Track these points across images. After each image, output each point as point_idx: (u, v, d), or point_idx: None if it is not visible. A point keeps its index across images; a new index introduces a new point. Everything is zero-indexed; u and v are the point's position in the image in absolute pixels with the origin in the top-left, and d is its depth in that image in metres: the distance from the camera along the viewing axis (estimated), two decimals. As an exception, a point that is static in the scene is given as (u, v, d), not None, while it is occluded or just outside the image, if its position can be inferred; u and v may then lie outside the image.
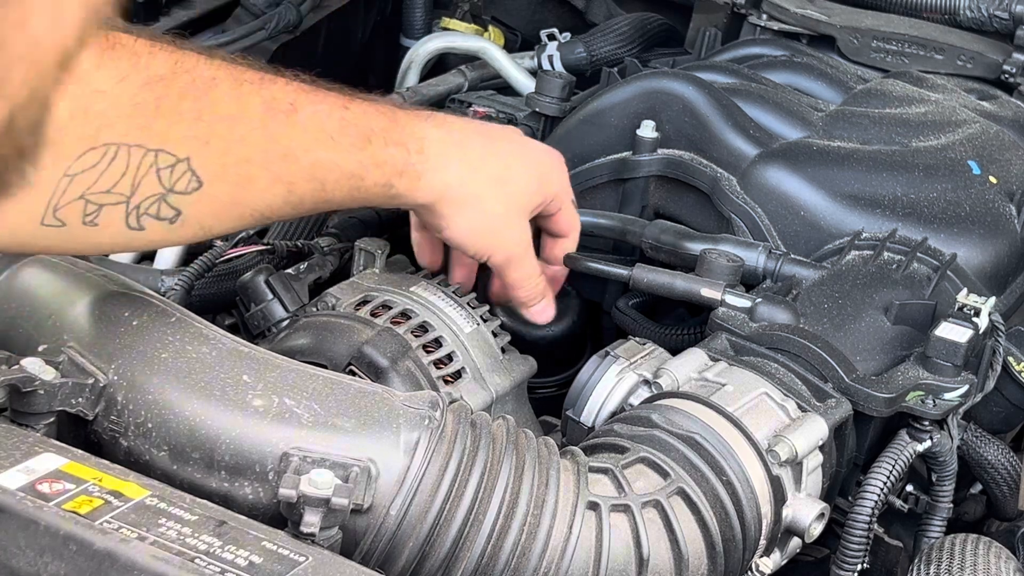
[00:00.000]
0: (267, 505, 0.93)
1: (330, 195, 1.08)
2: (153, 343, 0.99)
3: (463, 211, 1.17)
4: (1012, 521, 1.35)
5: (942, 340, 1.18)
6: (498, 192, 1.19)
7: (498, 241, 1.22)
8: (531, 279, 1.27)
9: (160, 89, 0.96)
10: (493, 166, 1.19)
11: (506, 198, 1.20)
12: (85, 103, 0.92)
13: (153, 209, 0.98)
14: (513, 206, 1.21)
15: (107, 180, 0.95)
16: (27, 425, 0.94)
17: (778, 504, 1.08)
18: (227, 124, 1.00)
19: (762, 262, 1.33)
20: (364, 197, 1.11)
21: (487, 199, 1.18)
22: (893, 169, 1.42)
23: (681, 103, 1.48)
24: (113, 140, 0.94)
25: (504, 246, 1.22)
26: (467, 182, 1.16)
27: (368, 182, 1.09)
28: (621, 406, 1.17)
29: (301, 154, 1.04)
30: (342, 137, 1.07)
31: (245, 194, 1.03)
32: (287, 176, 1.04)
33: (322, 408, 0.95)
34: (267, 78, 1.04)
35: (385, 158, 1.10)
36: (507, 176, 1.20)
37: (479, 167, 1.17)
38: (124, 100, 0.94)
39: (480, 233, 1.20)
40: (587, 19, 2.18)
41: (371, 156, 1.09)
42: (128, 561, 0.79)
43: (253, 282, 1.31)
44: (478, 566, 0.95)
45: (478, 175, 1.17)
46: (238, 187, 1.02)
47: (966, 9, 1.79)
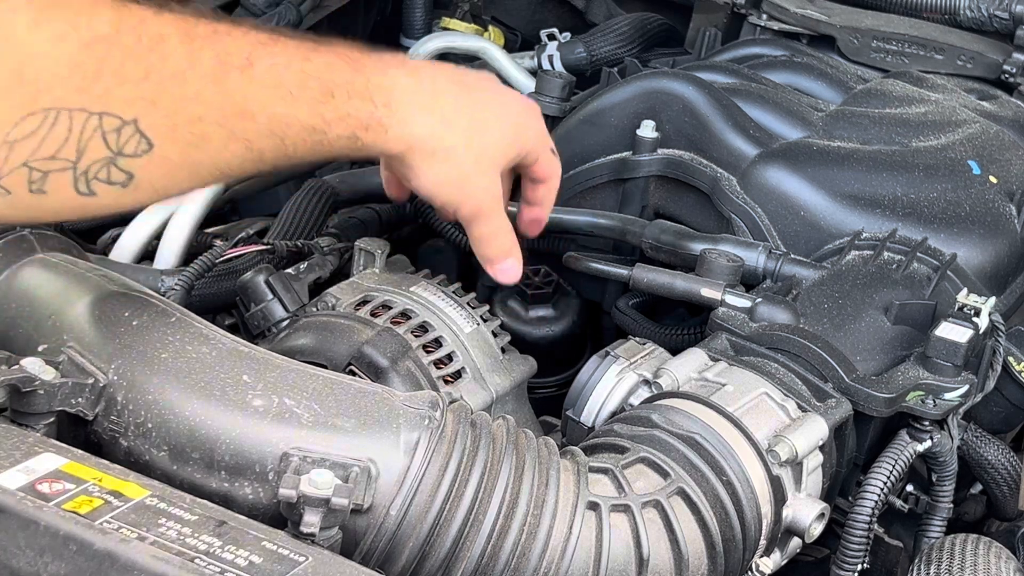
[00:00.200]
0: (267, 505, 0.93)
1: (292, 151, 1.03)
2: (153, 343, 0.99)
3: (432, 163, 1.12)
4: (1012, 521, 1.35)
5: (942, 340, 1.18)
6: (470, 144, 1.14)
7: (467, 194, 1.17)
8: (499, 235, 1.22)
9: (102, 50, 0.92)
10: (466, 117, 1.14)
11: (478, 151, 1.15)
12: (19, 66, 0.89)
13: (103, 174, 0.94)
14: (485, 159, 1.16)
15: (50, 146, 0.91)
16: (27, 425, 0.94)
17: (778, 504, 1.08)
18: (177, 82, 0.95)
19: (762, 262, 1.33)
20: (328, 151, 1.06)
21: (458, 151, 1.14)
22: (893, 169, 1.42)
23: (681, 103, 1.48)
24: (52, 105, 0.90)
25: (473, 199, 1.17)
26: (438, 134, 1.11)
27: (331, 136, 1.05)
28: (621, 406, 1.17)
29: (258, 110, 1.00)
30: (302, 91, 1.02)
31: (200, 154, 0.98)
32: (244, 133, 1.00)
33: (322, 408, 0.95)
34: (221, 30, 0.99)
35: (349, 111, 1.05)
36: (480, 128, 1.16)
37: (451, 119, 1.13)
38: (63, 62, 0.90)
39: (449, 185, 1.15)
40: (587, 19, 2.18)
41: (334, 110, 1.04)
42: (128, 561, 0.79)
43: (253, 282, 1.31)
44: (478, 566, 0.95)
45: (450, 127, 1.13)
46: (192, 147, 0.97)
47: (966, 9, 1.79)
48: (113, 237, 1.61)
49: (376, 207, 1.63)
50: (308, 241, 1.44)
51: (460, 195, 1.16)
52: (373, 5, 2.24)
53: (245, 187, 1.68)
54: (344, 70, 1.05)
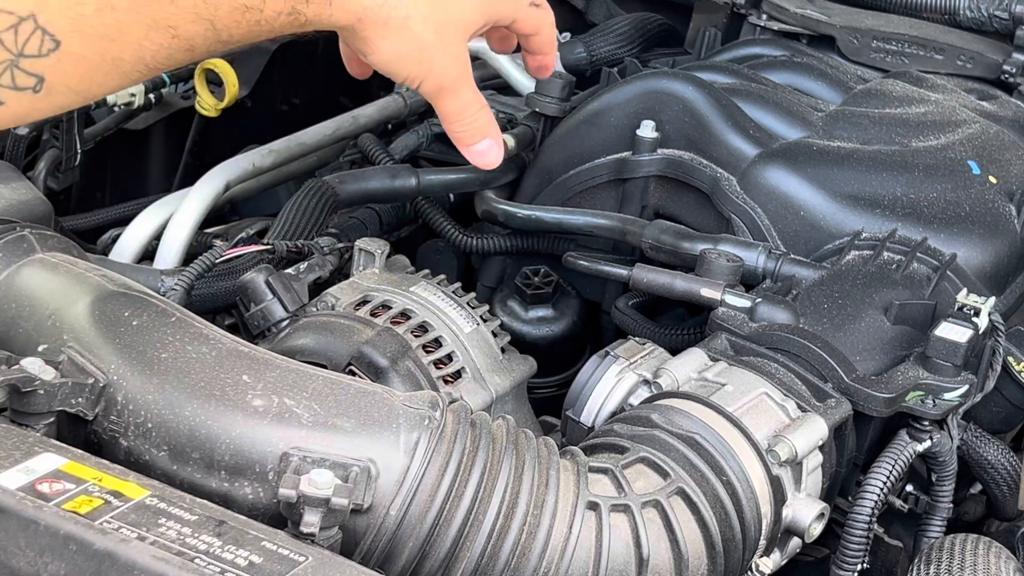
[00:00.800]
0: (267, 505, 0.93)
1: (225, 35, 0.94)
2: (153, 343, 0.99)
3: (387, 34, 1.03)
4: (1012, 521, 1.35)
5: (942, 340, 1.18)
6: (429, 13, 1.04)
7: (428, 68, 1.07)
8: (468, 110, 1.12)
9: None
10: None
11: (439, 19, 1.05)
12: None
13: (6, 79, 0.86)
14: (448, 28, 1.07)
15: None
16: (27, 425, 0.94)
17: (778, 504, 1.08)
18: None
19: (762, 262, 1.33)
20: (268, 29, 0.97)
21: (415, 21, 1.03)
22: (893, 169, 1.42)
23: (681, 103, 1.48)
24: None
25: (435, 72, 1.08)
26: (390, 2, 1.01)
27: (268, 13, 0.95)
28: (621, 406, 1.17)
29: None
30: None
31: (118, 47, 0.89)
32: (166, 19, 0.90)
33: (322, 408, 0.95)
34: None
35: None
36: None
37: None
38: None
39: (407, 59, 1.06)
40: (587, 19, 2.18)
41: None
42: (128, 561, 0.79)
43: (253, 282, 1.31)
44: (478, 566, 0.95)
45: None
46: (107, 40, 0.88)
47: (966, 9, 1.79)
48: (113, 237, 1.61)
49: (376, 207, 1.63)
50: (308, 241, 1.44)
51: (421, 68, 1.07)
52: (373, 5, 2.23)
53: (245, 188, 1.68)
54: None
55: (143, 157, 2.11)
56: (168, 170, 2.12)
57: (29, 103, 0.89)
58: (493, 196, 1.55)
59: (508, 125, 1.74)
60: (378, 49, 1.04)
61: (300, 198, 1.53)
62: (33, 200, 1.34)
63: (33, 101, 0.89)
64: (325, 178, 1.57)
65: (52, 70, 0.88)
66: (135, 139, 2.04)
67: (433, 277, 1.35)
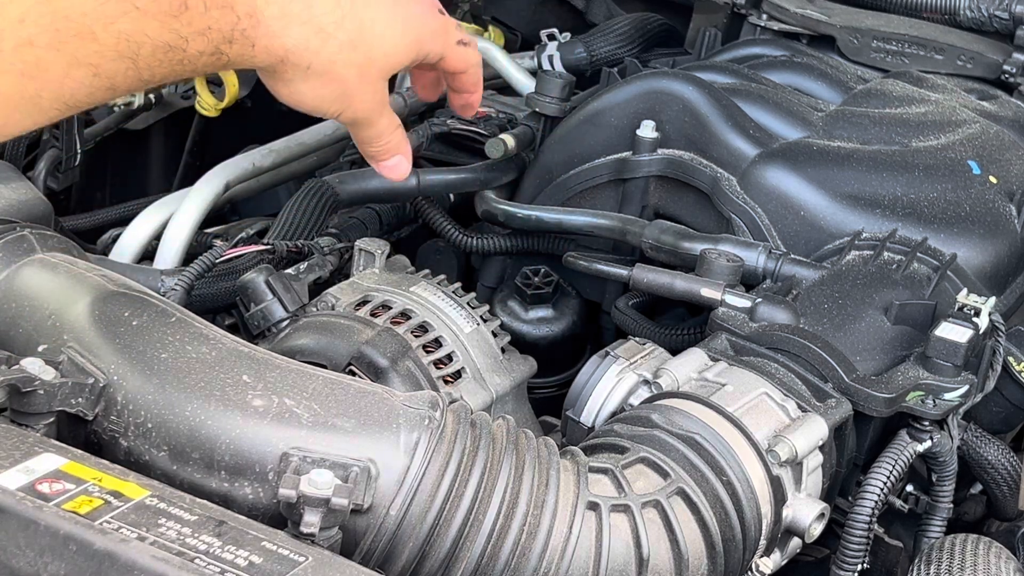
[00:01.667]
0: (267, 505, 0.93)
1: (147, 73, 0.93)
2: (153, 343, 0.99)
3: (307, 77, 1.03)
4: (1012, 521, 1.35)
5: (942, 340, 1.18)
6: (352, 57, 1.04)
7: (346, 105, 1.08)
8: (382, 136, 1.15)
9: None
10: (349, 28, 1.03)
11: (362, 62, 1.06)
12: None
13: None
14: (371, 70, 1.07)
15: None
16: (27, 425, 0.94)
17: (778, 504, 1.08)
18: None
19: (762, 262, 1.33)
20: (191, 69, 0.96)
21: (338, 65, 1.04)
22: (893, 169, 1.42)
23: (681, 103, 1.48)
24: None
25: (353, 108, 1.09)
26: (313, 46, 1.01)
27: (191, 53, 0.94)
28: (621, 406, 1.17)
29: (100, 30, 0.88)
30: (150, 4, 0.90)
31: (37, 84, 0.87)
32: (87, 57, 0.89)
33: (322, 408, 0.95)
34: None
35: (208, 24, 0.94)
36: (365, 39, 1.05)
37: (330, 31, 1.02)
38: None
39: (326, 99, 1.07)
40: (587, 19, 2.18)
41: (189, 23, 0.93)
42: (128, 561, 0.79)
43: (253, 282, 1.31)
44: (478, 566, 0.95)
45: (327, 39, 1.02)
46: (26, 78, 0.86)
47: (966, 9, 1.79)
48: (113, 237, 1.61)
49: (376, 207, 1.63)
50: (308, 241, 1.44)
51: (339, 106, 1.08)
52: (373, 5, 2.23)
53: (245, 188, 1.68)
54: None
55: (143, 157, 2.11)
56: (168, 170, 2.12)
57: None
58: (493, 196, 1.55)
59: (508, 125, 1.75)
60: (298, 91, 1.04)
61: (300, 198, 1.53)
62: (33, 200, 1.34)
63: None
64: (325, 178, 1.57)
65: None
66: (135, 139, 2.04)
67: (433, 277, 1.35)
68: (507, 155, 1.58)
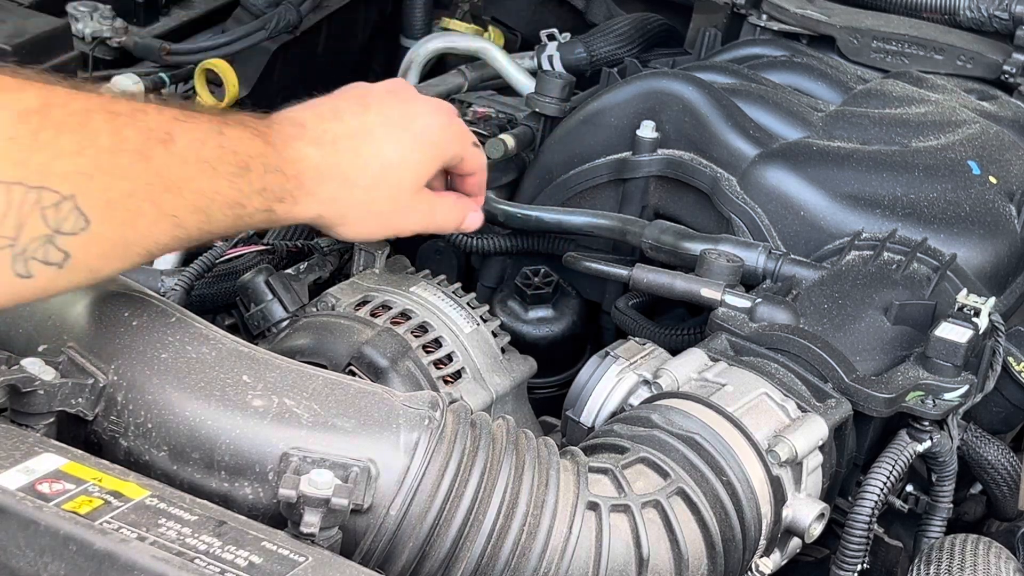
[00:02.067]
0: (267, 505, 0.93)
1: (215, 226, 1.04)
2: (153, 343, 0.99)
3: (346, 219, 1.16)
4: (1012, 521, 1.35)
5: (942, 340, 1.18)
6: (383, 188, 1.17)
7: (397, 227, 1.20)
8: (445, 225, 1.27)
9: (36, 122, 0.90)
10: (375, 167, 1.16)
11: (392, 190, 1.18)
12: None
13: (40, 253, 0.91)
14: (403, 193, 1.19)
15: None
16: (27, 425, 0.94)
17: (778, 504, 1.08)
18: (109, 157, 0.94)
19: (762, 262, 1.33)
20: (247, 224, 1.08)
21: (372, 200, 1.16)
22: (893, 169, 1.42)
23: (681, 103, 1.48)
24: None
25: (406, 227, 1.21)
26: (344, 196, 1.14)
27: (250, 209, 1.06)
28: (621, 406, 1.17)
29: (184, 185, 1.00)
30: (221, 165, 1.02)
31: (132, 232, 0.97)
32: (172, 209, 0.99)
33: (322, 408, 0.95)
34: (138, 108, 0.99)
35: (265, 184, 1.07)
36: (393, 170, 1.17)
37: (358, 177, 1.15)
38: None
39: (375, 229, 1.19)
40: (587, 19, 2.18)
41: (250, 183, 1.05)
42: (128, 561, 0.79)
43: (253, 282, 1.31)
44: (478, 566, 0.95)
45: (356, 186, 1.15)
46: (125, 225, 0.96)
47: (966, 9, 1.79)
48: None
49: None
50: (308, 241, 1.44)
51: (391, 230, 1.20)
52: (373, 5, 2.24)
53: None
54: (255, 143, 1.06)
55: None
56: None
57: (51, 278, 0.93)
58: (493, 196, 1.55)
59: (508, 125, 1.74)
60: (345, 232, 1.17)
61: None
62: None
63: (55, 276, 0.93)
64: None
65: (78, 248, 0.93)
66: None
67: (433, 277, 1.35)
68: (507, 155, 1.58)
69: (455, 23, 2.20)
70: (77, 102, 0.94)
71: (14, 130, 0.89)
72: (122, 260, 0.99)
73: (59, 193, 0.91)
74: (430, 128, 1.21)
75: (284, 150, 1.09)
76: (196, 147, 1.01)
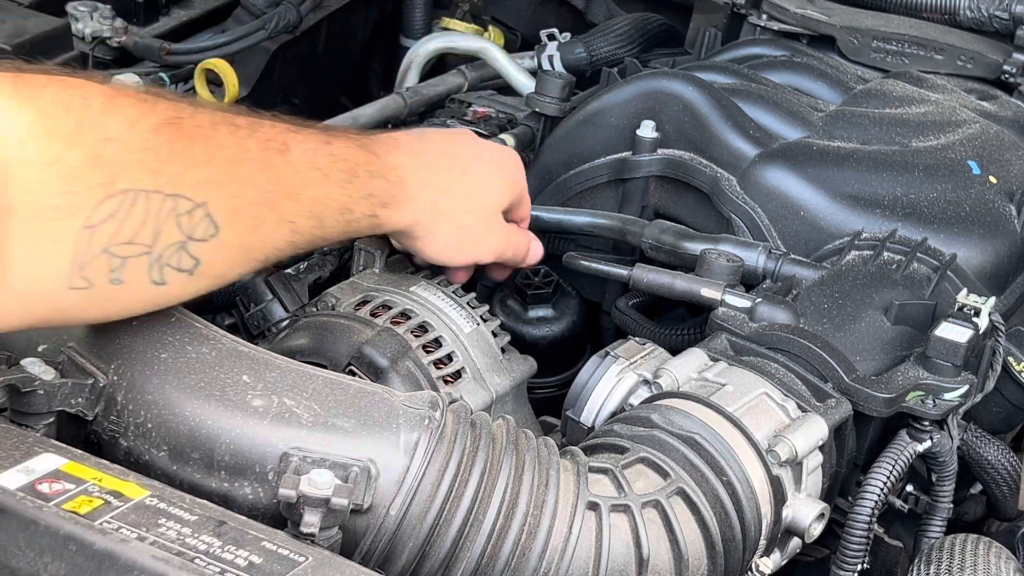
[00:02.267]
0: (267, 505, 0.93)
1: (326, 231, 1.10)
2: (153, 343, 0.99)
3: (437, 230, 1.21)
4: (1012, 521, 1.35)
5: (942, 340, 1.18)
6: (470, 207, 1.24)
7: (479, 250, 1.27)
8: (516, 255, 1.33)
9: (171, 132, 0.95)
10: (463, 184, 1.23)
11: (479, 210, 1.25)
12: (97, 150, 0.90)
13: (174, 259, 0.96)
14: (487, 215, 1.27)
15: (128, 230, 0.92)
16: (27, 425, 0.94)
17: (778, 504, 1.08)
18: (235, 167, 0.99)
19: (762, 262, 1.33)
20: (354, 229, 1.14)
21: (460, 215, 1.23)
22: (893, 169, 1.42)
23: (681, 103, 1.48)
24: (130, 186, 0.92)
25: (486, 251, 1.28)
26: (439, 204, 1.20)
27: (357, 214, 1.12)
28: (621, 406, 1.17)
29: (300, 191, 1.05)
30: (332, 172, 1.08)
31: (255, 238, 1.02)
32: (290, 215, 1.05)
33: (322, 408, 0.95)
34: (255, 120, 1.04)
35: (371, 190, 1.13)
36: (478, 190, 1.25)
37: (451, 188, 1.21)
38: (136, 145, 0.93)
39: (458, 247, 1.25)
40: (587, 19, 2.18)
41: (358, 189, 1.11)
42: (128, 561, 0.79)
43: (253, 282, 1.31)
44: (478, 566, 0.95)
45: (450, 196, 1.21)
46: (249, 231, 1.01)
47: (966, 9, 1.79)
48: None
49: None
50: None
51: (473, 253, 1.27)
52: (373, 5, 2.24)
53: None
54: (360, 152, 1.12)
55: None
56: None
57: (182, 285, 0.98)
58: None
59: (508, 125, 1.74)
60: (430, 245, 1.23)
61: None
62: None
63: (186, 283, 0.98)
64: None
65: (207, 255, 0.98)
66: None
67: (433, 277, 1.35)
68: (507, 155, 1.57)
69: (455, 23, 2.20)
70: (202, 114, 0.98)
71: (152, 140, 0.93)
72: (243, 266, 1.04)
73: (192, 200, 0.95)
74: (505, 162, 1.30)
75: (385, 158, 1.15)
76: (309, 156, 1.06)
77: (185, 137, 0.96)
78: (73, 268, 0.91)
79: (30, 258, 0.89)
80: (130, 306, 0.97)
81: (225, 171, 0.98)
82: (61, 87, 0.91)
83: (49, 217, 0.89)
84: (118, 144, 0.91)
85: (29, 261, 0.89)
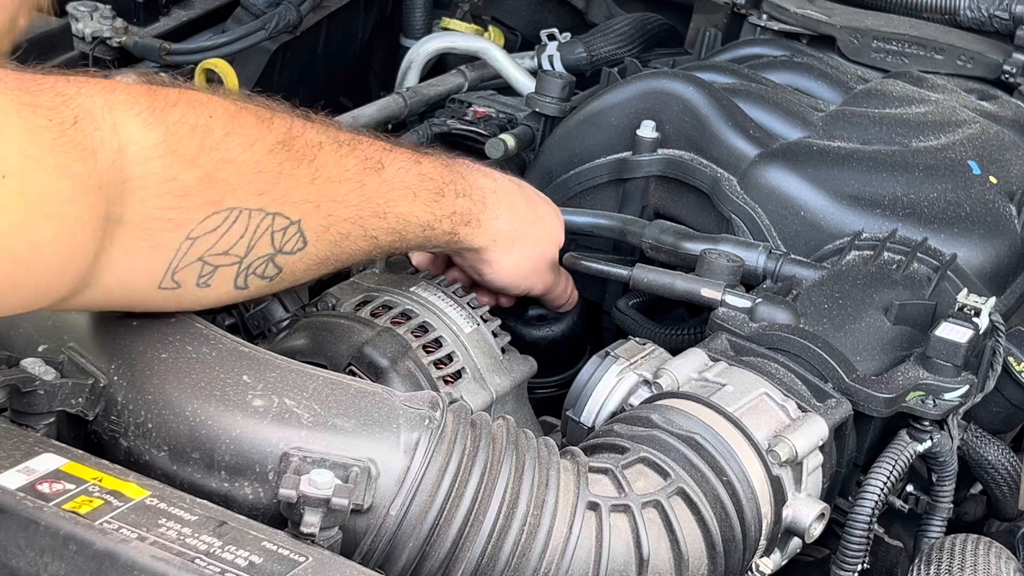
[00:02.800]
0: (267, 505, 0.93)
1: (406, 245, 1.15)
2: (153, 343, 0.99)
3: (509, 253, 1.27)
4: (1012, 521, 1.35)
5: (942, 340, 1.18)
6: (536, 234, 1.30)
7: (536, 281, 1.33)
8: (562, 297, 1.40)
9: (282, 155, 0.99)
10: (530, 212, 1.29)
11: (544, 239, 1.31)
12: (213, 170, 0.94)
13: (260, 269, 1.00)
14: (551, 245, 1.33)
15: (225, 242, 0.96)
16: (27, 425, 0.94)
17: (778, 504, 1.08)
18: (333, 186, 1.03)
19: (762, 262, 1.33)
20: (432, 244, 1.19)
21: (530, 245, 1.29)
22: (893, 169, 1.42)
23: (681, 103, 1.48)
24: (236, 204, 0.96)
25: (542, 284, 1.34)
26: (515, 227, 1.26)
27: (438, 231, 1.16)
28: (621, 406, 1.17)
29: (388, 209, 1.09)
30: (421, 191, 1.12)
31: (337, 251, 1.06)
32: (374, 231, 1.09)
33: (322, 408, 0.95)
34: (355, 138, 1.08)
35: (456, 208, 1.17)
36: (541, 222, 1.31)
37: (522, 214, 1.27)
38: (249, 167, 0.96)
39: (524, 272, 1.30)
40: (587, 19, 2.18)
41: (443, 207, 1.15)
42: (128, 561, 0.79)
43: (253, 282, 1.31)
44: (478, 566, 0.95)
45: (521, 222, 1.27)
46: (334, 245, 1.05)
47: (966, 9, 1.79)
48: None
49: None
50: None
51: (535, 280, 1.32)
52: (373, 5, 2.24)
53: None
54: (447, 171, 1.17)
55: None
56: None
57: (260, 288, 1.03)
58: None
59: (508, 125, 1.74)
60: (499, 267, 1.28)
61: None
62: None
63: (264, 287, 1.04)
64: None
65: (291, 265, 1.03)
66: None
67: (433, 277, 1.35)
68: (507, 155, 1.58)
69: (455, 23, 2.20)
70: (311, 133, 1.02)
71: (264, 162, 0.98)
72: (318, 273, 1.08)
73: (289, 219, 1.00)
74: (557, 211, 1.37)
75: (469, 177, 1.21)
76: (401, 175, 1.11)
77: (295, 158, 0.99)
78: (167, 272, 0.94)
79: (129, 262, 0.92)
80: (207, 304, 1.02)
81: (324, 190, 1.02)
82: (189, 106, 0.94)
83: (156, 229, 0.92)
84: (233, 167, 0.95)
85: (127, 264, 0.92)
